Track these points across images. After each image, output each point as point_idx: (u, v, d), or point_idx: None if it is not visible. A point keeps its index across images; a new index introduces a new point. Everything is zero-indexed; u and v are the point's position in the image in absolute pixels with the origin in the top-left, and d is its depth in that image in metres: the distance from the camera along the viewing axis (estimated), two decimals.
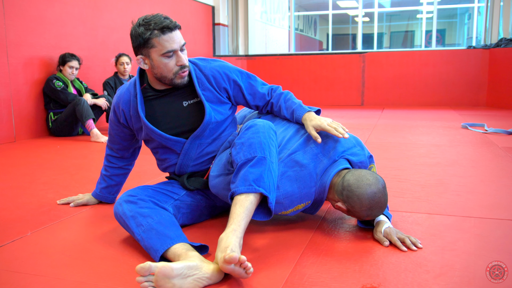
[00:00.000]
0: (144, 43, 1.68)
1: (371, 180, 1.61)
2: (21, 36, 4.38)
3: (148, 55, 1.71)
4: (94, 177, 2.77)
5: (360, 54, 7.98)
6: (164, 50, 1.67)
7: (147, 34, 1.66)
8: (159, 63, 1.70)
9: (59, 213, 2.07)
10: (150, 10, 6.30)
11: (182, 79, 1.77)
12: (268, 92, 1.96)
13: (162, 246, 1.46)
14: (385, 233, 1.62)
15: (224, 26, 8.61)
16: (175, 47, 1.69)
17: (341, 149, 1.78)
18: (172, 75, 1.74)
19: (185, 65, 1.74)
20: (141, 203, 1.64)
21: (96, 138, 4.28)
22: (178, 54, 1.71)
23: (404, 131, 4.59)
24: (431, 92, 7.65)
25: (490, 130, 4.39)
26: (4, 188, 2.58)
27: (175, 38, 1.68)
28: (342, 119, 5.84)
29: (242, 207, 1.47)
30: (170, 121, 1.83)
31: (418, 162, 3.07)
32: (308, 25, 16.23)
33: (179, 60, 1.71)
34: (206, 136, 1.84)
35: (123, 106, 1.86)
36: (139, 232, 1.54)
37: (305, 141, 1.80)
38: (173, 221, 1.60)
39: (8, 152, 3.80)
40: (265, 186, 1.52)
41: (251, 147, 1.58)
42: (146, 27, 1.66)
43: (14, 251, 1.64)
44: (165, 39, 1.66)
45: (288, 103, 1.92)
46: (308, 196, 1.72)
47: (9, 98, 4.28)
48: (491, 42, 7.54)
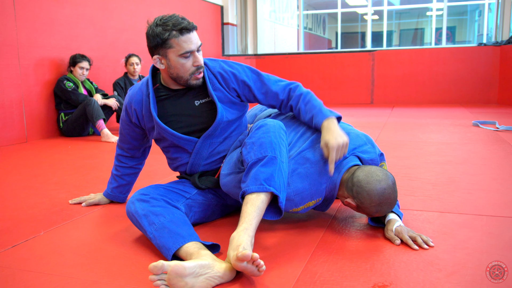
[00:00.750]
0: (162, 43, 1.69)
1: (380, 176, 1.60)
2: (32, 38, 4.42)
3: (165, 55, 1.72)
4: (105, 177, 2.79)
5: (370, 52, 7.95)
6: (182, 51, 1.69)
7: (166, 35, 1.67)
8: (176, 63, 1.72)
9: (72, 213, 2.09)
10: (159, 11, 6.33)
11: (197, 80, 1.78)
12: (284, 90, 1.90)
13: (174, 244, 1.47)
14: (396, 232, 1.62)
15: (233, 25, 8.62)
16: (193, 48, 1.70)
17: (352, 147, 1.78)
18: (188, 75, 1.75)
19: (202, 66, 1.76)
20: (153, 201, 1.64)
21: (107, 138, 4.31)
22: (195, 55, 1.72)
23: (414, 129, 4.57)
24: (441, 90, 7.60)
25: (501, 127, 4.35)
26: (16, 189, 2.61)
27: (193, 39, 1.70)
28: (351, 117, 5.82)
29: (253, 206, 1.48)
30: (182, 120, 1.84)
31: (429, 160, 3.05)
32: (317, 23, 16.20)
33: (196, 61, 1.73)
34: (217, 135, 1.85)
35: (135, 106, 1.87)
36: (151, 230, 1.55)
37: (315, 138, 1.80)
38: (185, 220, 1.61)
39: (20, 152, 3.84)
40: (276, 186, 1.52)
41: (262, 146, 1.58)
42: (164, 27, 1.67)
43: (27, 251, 1.66)
44: (183, 39, 1.68)
45: (308, 105, 1.85)
46: (319, 193, 1.72)
47: (21, 99, 4.32)
48: (502, 39, 7.46)
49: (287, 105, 1.91)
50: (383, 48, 8.59)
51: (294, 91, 1.89)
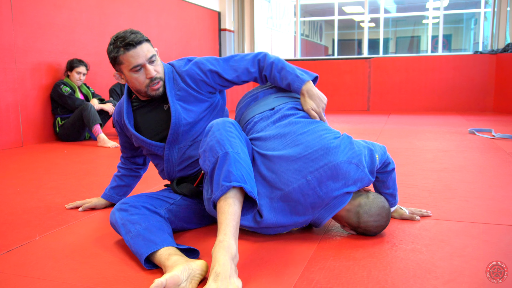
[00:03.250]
0: (114, 60, 1.77)
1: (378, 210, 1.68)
2: (29, 42, 4.41)
3: (120, 70, 1.80)
4: (101, 182, 2.79)
5: (366, 60, 7.98)
6: (131, 66, 1.74)
7: (114, 52, 1.75)
8: (130, 77, 1.78)
9: (67, 218, 2.08)
10: (156, 17, 6.34)
11: (155, 91, 1.82)
12: (253, 63, 1.89)
13: (146, 250, 1.48)
14: (410, 212, 1.95)
15: (230, 31, 8.64)
16: (140, 61, 1.74)
17: (338, 185, 1.61)
18: (145, 87, 1.80)
19: (155, 77, 1.79)
20: (132, 210, 1.67)
21: (103, 143, 4.30)
22: (146, 67, 1.76)
23: (411, 137, 4.58)
24: (437, 98, 7.63)
25: (497, 135, 4.37)
26: (12, 193, 2.59)
27: (140, 53, 1.73)
28: (348, 124, 5.83)
29: (223, 213, 1.42)
30: (154, 127, 1.90)
31: (425, 167, 3.06)
32: (313, 30, 16.26)
33: (148, 73, 1.76)
34: (182, 139, 1.87)
35: (117, 117, 1.99)
36: (127, 238, 1.57)
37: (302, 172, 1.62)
38: (161, 226, 1.62)
39: (16, 156, 3.82)
40: (237, 179, 1.45)
41: (212, 149, 1.54)
42: (114, 45, 1.75)
43: (22, 256, 1.64)
44: (130, 55, 1.72)
45: (282, 72, 1.85)
46: (305, 222, 1.70)
47: (17, 103, 4.31)
48: (498, 48, 7.51)
49: (262, 76, 1.91)
50: (380, 56, 8.63)
51: (263, 61, 1.89)
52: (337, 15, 10.97)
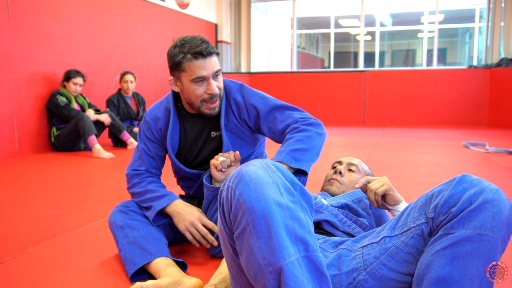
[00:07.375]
0: (176, 66, 1.63)
1: None
2: (26, 52, 4.42)
3: (179, 78, 1.66)
4: (95, 193, 2.78)
5: (362, 72, 8.03)
6: (194, 76, 1.61)
7: (179, 57, 1.60)
8: (189, 88, 1.64)
9: (61, 229, 2.07)
10: (154, 28, 6.37)
11: (210, 110, 1.68)
12: (290, 125, 1.70)
13: (142, 260, 1.48)
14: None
15: (227, 43, 8.69)
16: (205, 74, 1.61)
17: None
18: (199, 102, 1.66)
19: (216, 94, 1.65)
20: (132, 214, 1.66)
21: (98, 154, 4.30)
22: (209, 82, 1.63)
23: (406, 150, 4.60)
24: (432, 111, 7.68)
25: (491, 149, 4.39)
26: (5, 203, 2.58)
27: (207, 65, 1.60)
28: (343, 137, 5.85)
29: None
30: (195, 149, 1.79)
31: (420, 181, 3.07)
32: (310, 43, 16.36)
33: (209, 88, 1.63)
34: None
35: (153, 123, 1.80)
36: (123, 243, 1.57)
37: None
38: (158, 236, 1.61)
39: (10, 166, 3.81)
40: None
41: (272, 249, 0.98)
42: (180, 49, 1.61)
43: (14, 268, 1.63)
44: (196, 64, 1.59)
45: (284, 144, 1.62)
46: None
47: (13, 113, 4.31)
48: (492, 62, 7.59)
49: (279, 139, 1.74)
50: (375, 69, 8.69)
51: (302, 123, 1.69)
52: (333, 28, 11.07)
